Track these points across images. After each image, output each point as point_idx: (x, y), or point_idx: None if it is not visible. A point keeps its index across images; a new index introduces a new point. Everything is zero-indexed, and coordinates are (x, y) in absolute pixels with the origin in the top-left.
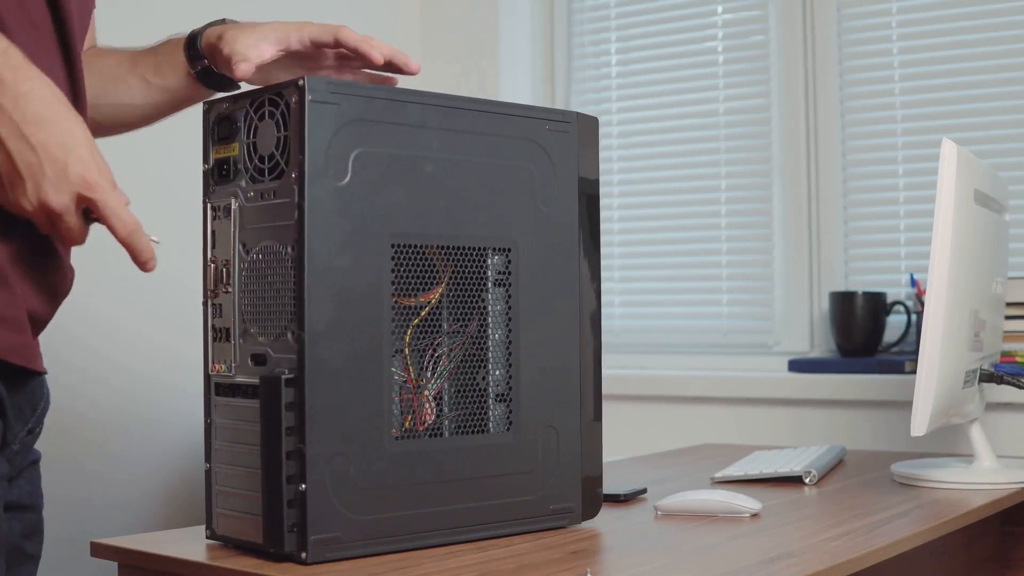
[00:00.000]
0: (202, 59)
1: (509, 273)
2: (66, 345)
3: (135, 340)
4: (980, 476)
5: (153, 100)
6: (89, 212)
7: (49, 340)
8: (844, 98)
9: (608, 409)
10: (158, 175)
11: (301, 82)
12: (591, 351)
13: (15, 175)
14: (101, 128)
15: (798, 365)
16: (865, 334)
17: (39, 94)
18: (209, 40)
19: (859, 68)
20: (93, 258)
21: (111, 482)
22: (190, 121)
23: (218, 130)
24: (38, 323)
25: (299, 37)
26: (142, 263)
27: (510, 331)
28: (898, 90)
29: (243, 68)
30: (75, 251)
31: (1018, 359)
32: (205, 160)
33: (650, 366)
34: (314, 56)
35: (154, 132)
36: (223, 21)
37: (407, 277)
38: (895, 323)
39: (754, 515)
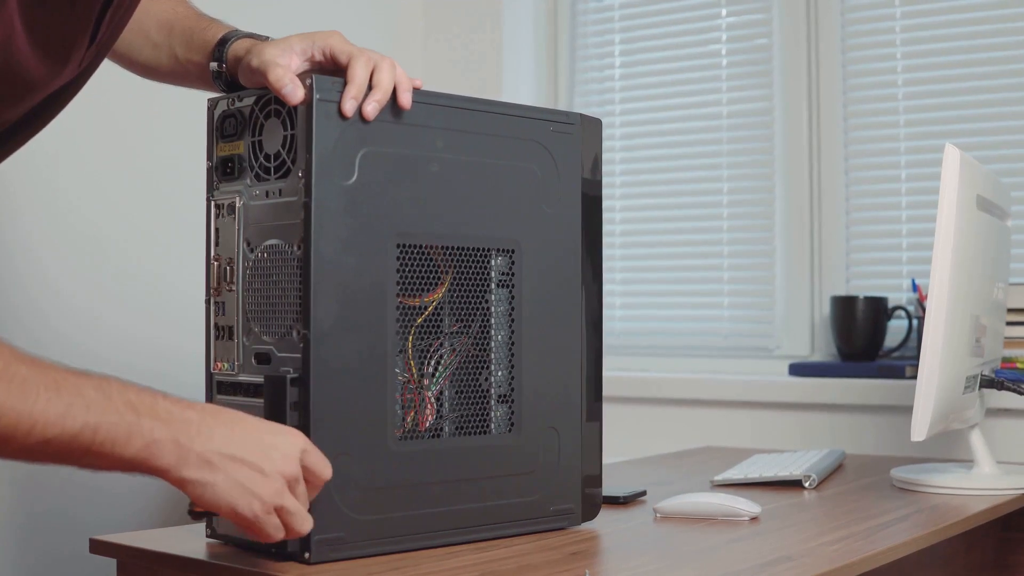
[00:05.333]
0: (222, 63)
1: (512, 274)
2: (63, 344)
3: (133, 337)
4: (980, 482)
5: (174, 70)
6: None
7: (46, 340)
8: (847, 102)
9: (608, 411)
10: (159, 170)
11: (308, 81)
12: (592, 353)
13: (250, 467)
14: (113, 55)
15: (799, 369)
16: (866, 338)
17: (211, 409)
18: (236, 52)
19: (862, 72)
20: (89, 257)
21: (111, 478)
22: (193, 117)
23: (223, 127)
24: None
25: (321, 47)
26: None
27: (512, 332)
28: (901, 95)
29: (296, 93)
30: (71, 247)
31: (1019, 365)
32: (209, 157)
33: (650, 368)
34: (335, 70)
35: (156, 126)
36: (252, 35)
37: (411, 277)
38: (896, 328)
39: (753, 518)
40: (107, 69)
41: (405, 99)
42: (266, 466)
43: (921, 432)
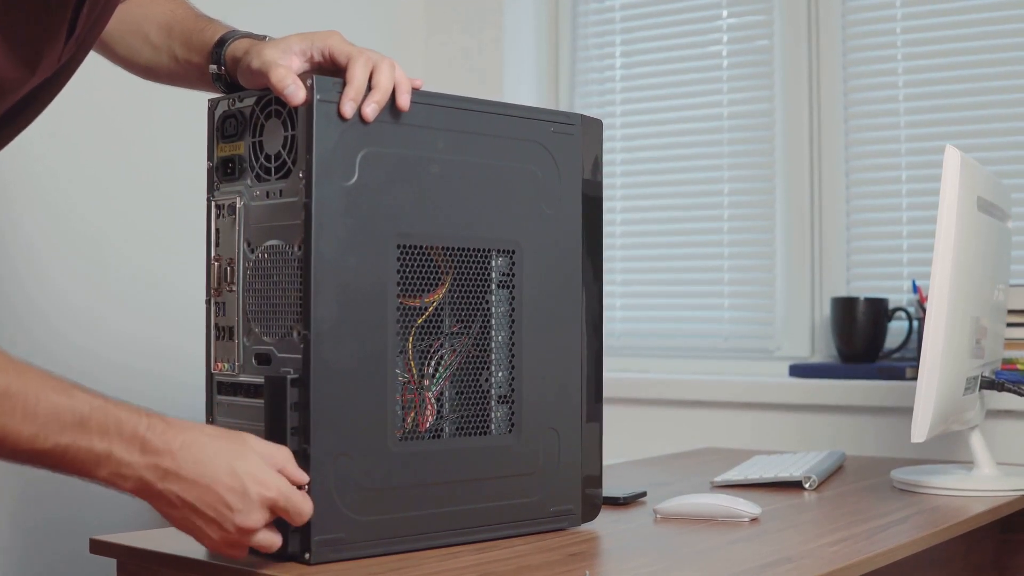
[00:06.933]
0: (221, 65)
1: (513, 275)
2: (63, 344)
3: (133, 337)
4: (979, 483)
5: (174, 71)
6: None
7: (46, 340)
8: (848, 104)
9: (608, 412)
10: (159, 170)
11: (309, 82)
12: (592, 354)
13: (205, 519)
14: (115, 57)
15: (799, 370)
16: (866, 340)
17: (191, 441)
18: (234, 53)
19: (863, 74)
20: (89, 257)
21: None
22: (193, 117)
23: (223, 127)
24: None
25: (320, 48)
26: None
27: (513, 332)
28: (902, 96)
29: (298, 94)
30: (71, 247)
31: (1019, 366)
32: (209, 157)
33: (651, 369)
34: (334, 71)
35: (156, 127)
36: (249, 34)
37: (412, 277)
38: (896, 329)
39: (753, 519)
40: (107, 69)
41: (404, 100)
42: (223, 520)
43: (921, 433)
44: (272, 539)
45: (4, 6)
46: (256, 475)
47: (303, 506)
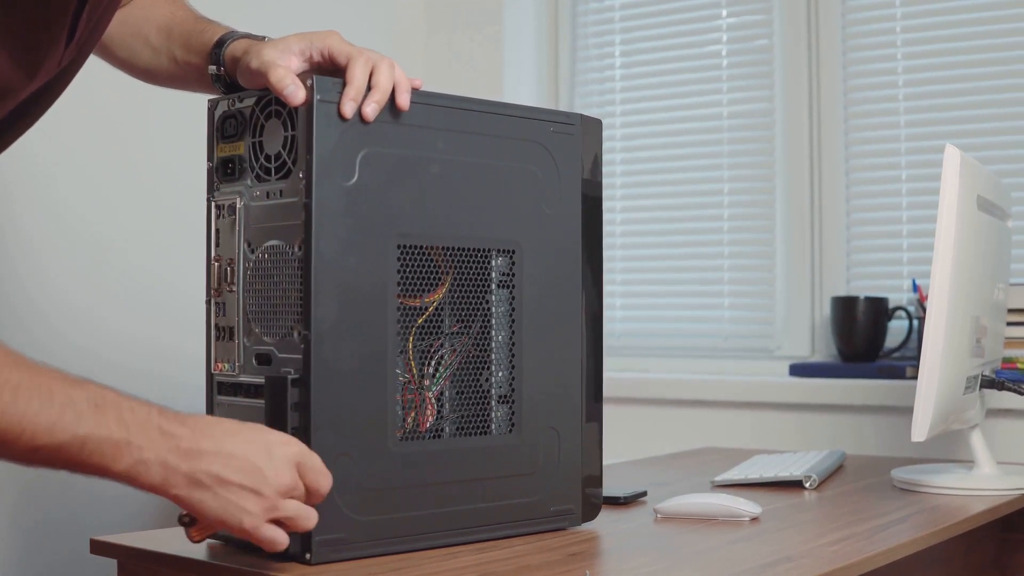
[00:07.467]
0: (220, 66)
1: (513, 275)
2: (63, 344)
3: (133, 337)
4: (980, 482)
5: (174, 73)
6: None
7: (46, 340)
8: (847, 103)
9: (608, 412)
10: (159, 170)
11: (309, 82)
12: (592, 353)
13: (241, 490)
14: (115, 60)
15: (799, 369)
16: (866, 339)
17: (203, 422)
18: (233, 54)
19: (863, 73)
20: (89, 257)
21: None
22: (193, 118)
23: (223, 128)
24: None
25: (319, 48)
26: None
27: (513, 332)
28: (902, 95)
29: (298, 95)
30: (71, 247)
31: (1019, 365)
32: (209, 158)
33: (651, 369)
34: (333, 71)
35: (156, 127)
36: (248, 35)
37: (412, 277)
38: (896, 328)
39: (754, 519)
40: (106, 71)
41: (403, 100)
42: (257, 484)
43: (922, 433)
44: (307, 512)
45: (4, 10)
46: (274, 437)
47: (322, 466)
